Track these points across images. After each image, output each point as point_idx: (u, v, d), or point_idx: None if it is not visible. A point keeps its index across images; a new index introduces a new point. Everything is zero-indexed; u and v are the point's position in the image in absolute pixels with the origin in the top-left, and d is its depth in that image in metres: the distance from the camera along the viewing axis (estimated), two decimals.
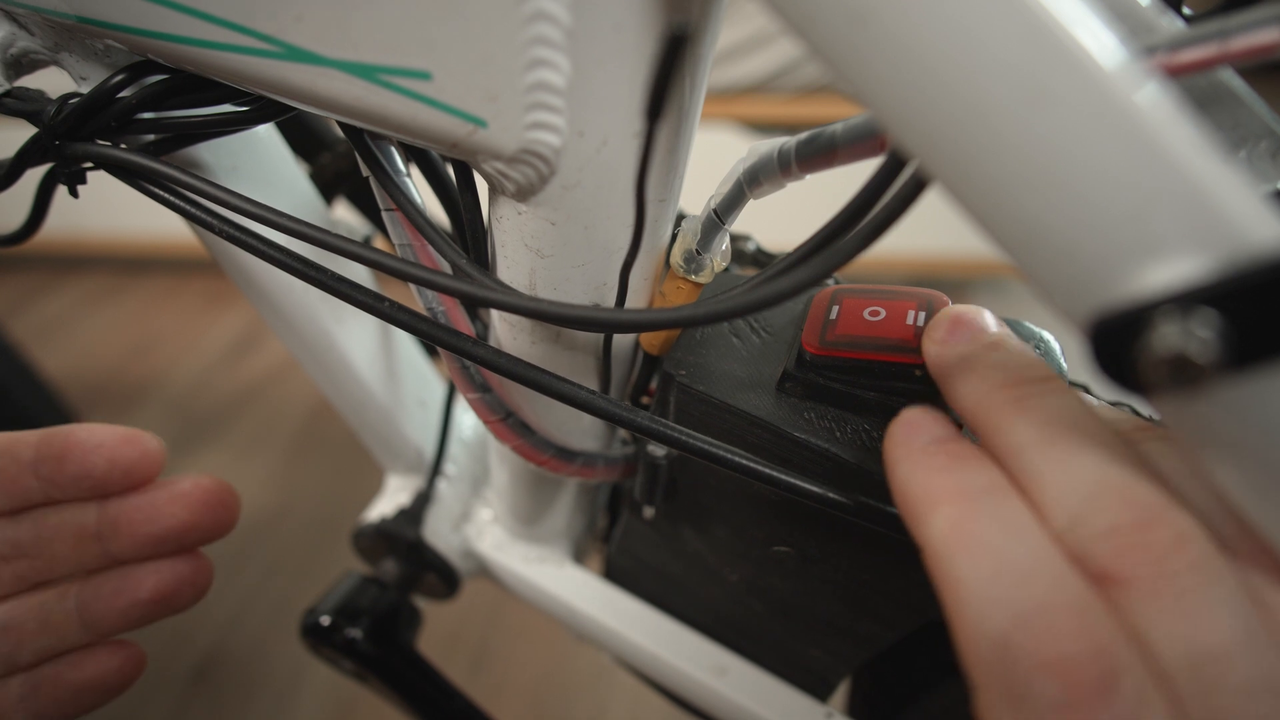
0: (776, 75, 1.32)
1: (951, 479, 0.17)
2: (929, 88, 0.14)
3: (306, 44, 0.20)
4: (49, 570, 0.26)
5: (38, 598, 0.26)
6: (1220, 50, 0.15)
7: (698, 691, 0.39)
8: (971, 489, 0.17)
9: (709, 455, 0.25)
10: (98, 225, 1.66)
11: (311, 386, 0.50)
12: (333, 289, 0.25)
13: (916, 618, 0.31)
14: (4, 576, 0.25)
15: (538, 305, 0.22)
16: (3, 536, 0.25)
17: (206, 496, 0.26)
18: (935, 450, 0.18)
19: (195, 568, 0.27)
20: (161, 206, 0.26)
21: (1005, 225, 0.15)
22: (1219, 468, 0.16)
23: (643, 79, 0.19)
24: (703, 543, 0.35)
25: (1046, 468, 0.17)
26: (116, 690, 0.27)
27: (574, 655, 0.96)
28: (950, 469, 0.18)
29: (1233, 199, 0.13)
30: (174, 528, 0.26)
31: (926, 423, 0.19)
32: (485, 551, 0.46)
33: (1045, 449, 0.17)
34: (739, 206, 0.25)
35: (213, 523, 0.26)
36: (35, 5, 0.23)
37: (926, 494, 0.18)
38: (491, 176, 0.22)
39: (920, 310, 0.25)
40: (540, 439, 0.32)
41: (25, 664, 0.25)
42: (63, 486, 0.25)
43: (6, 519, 0.25)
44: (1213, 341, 0.13)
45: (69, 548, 0.26)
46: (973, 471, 0.17)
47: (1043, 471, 0.17)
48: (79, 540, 0.25)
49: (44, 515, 0.25)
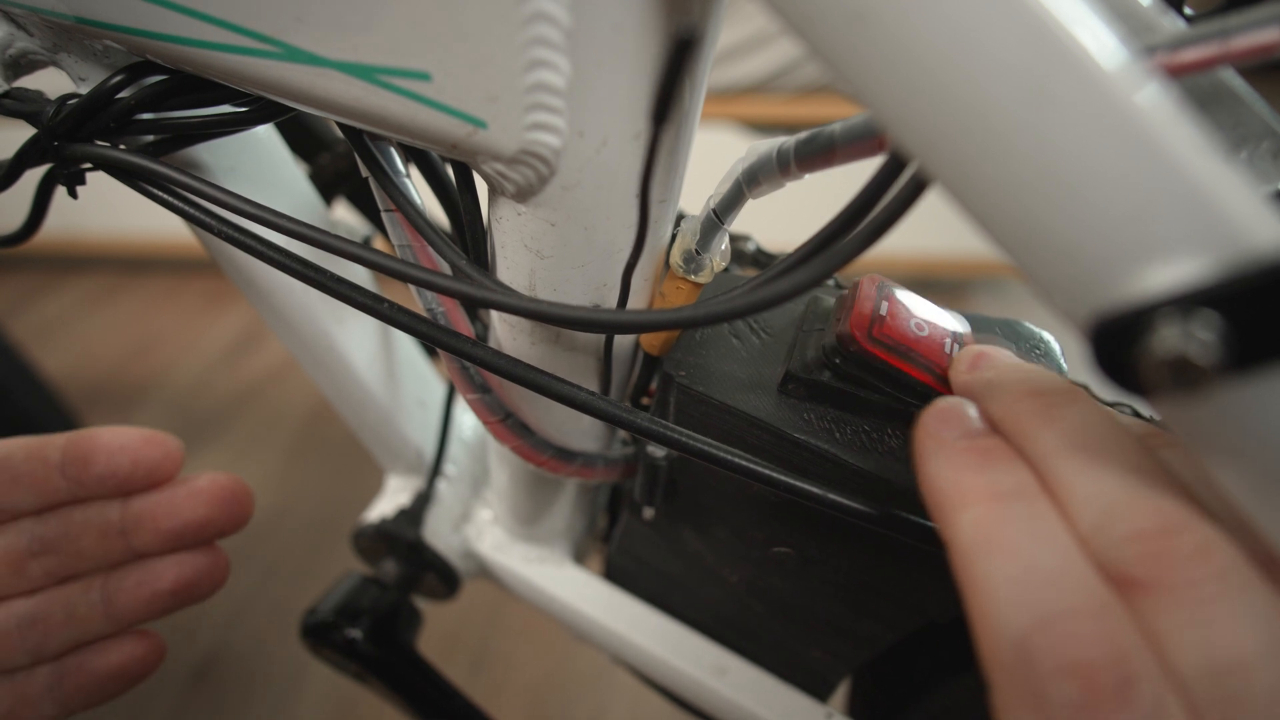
0: (776, 75, 1.32)
1: (982, 478, 0.17)
2: (929, 88, 0.14)
3: (306, 45, 0.20)
4: (75, 565, 0.27)
5: (64, 591, 0.27)
6: (1221, 50, 0.15)
7: (698, 692, 0.39)
8: (1001, 490, 0.17)
9: (708, 456, 0.24)
10: (97, 225, 1.66)
11: (311, 386, 0.50)
12: (332, 290, 0.25)
13: (917, 618, 0.31)
14: (33, 572, 0.26)
15: (537, 306, 0.22)
16: (32, 534, 0.26)
17: (223, 492, 0.28)
18: (967, 446, 0.18)
19: (213, 560, 0.28)
20: (161, 207, 0.26)
21: (1006, 226, 0.15)
22: (1220, 470, 0.16)
23: (643, 79, 0.19)
24: (703, 543, 0.34)
25: (1072, 474, 0.17)
26: (139, 677, 0.28)
27: (574, 655, 0.96)
28: (982, 467, 0.18)
29: (1234, 200, 0.13)
30: (193, 522, 0.27)
31: (960, 415, 0.19)
32: (485, 552, 0.46)
33: (1071, 456, 0.17)
34: (738, 206, 0.25)
35: (229, 517, 0.28)
36: (34, 6, 0.23)
37: (957, 491, 0.18)
38: (491, 177, 0.22)
39: (955, 343, 0.26)
40: (540, 440, 0.32)
41: (52, 654, 0.27)
42: (89, 486, 0.26)
43: (35, 517, 0.27)
44: (1214, 344, 0.13)
45: (94, 543, 0.27)
46: (1003, 471, 0.17)
47: (1069, 477, 0.17)
48: (103, 536, 0.27)
49: (70, 513, 0.27)
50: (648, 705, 0.90)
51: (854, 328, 0.25)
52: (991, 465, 0.18)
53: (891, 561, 0.28)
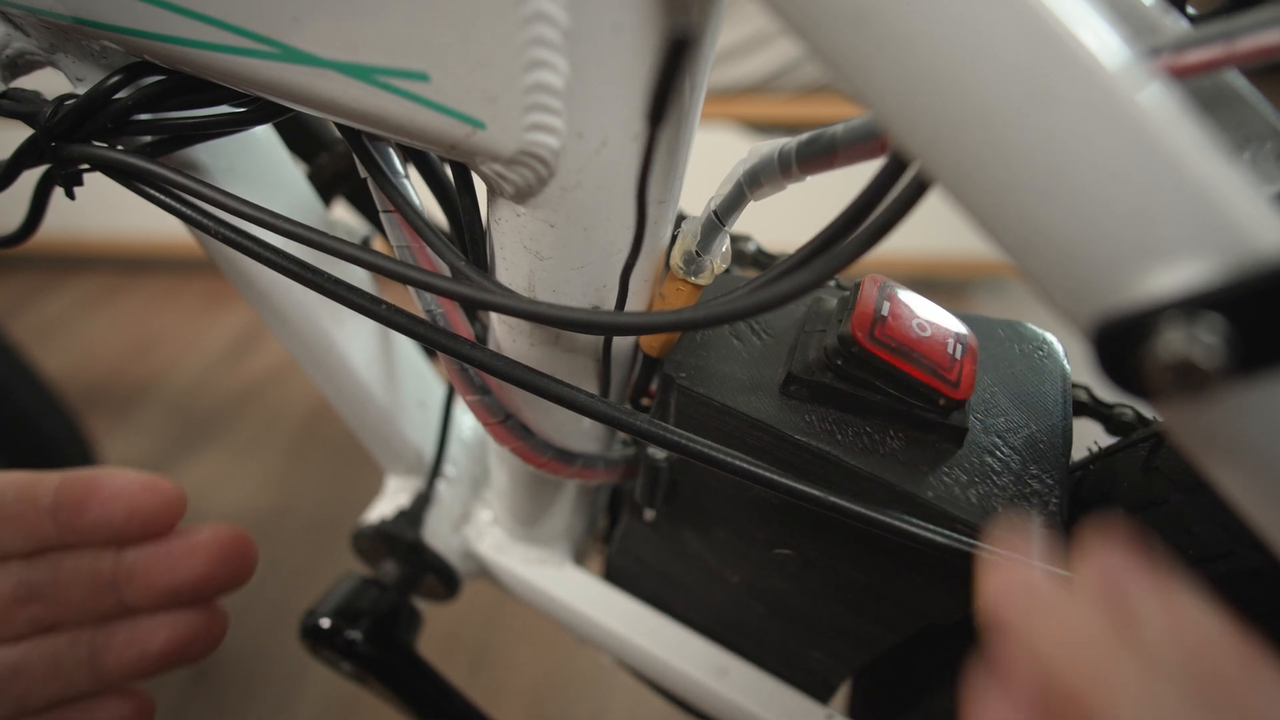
0: (776, 75, 1.32)
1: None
2: (931, 89, 0.14)
3: (303, 45, 0.20)
4: (62, 615, 0.25)
5: (50, 643, 0.25)
6: (1226, 51, 0.14)
7: (698, 693, 0.38)
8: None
9: (709, 459, 0.24)
10: (97, 225, 1.66)
11: (311, 387, 0.50)
12: (330, 292, 0.25)
13: (917, 620, 0.30)
14: (18, 619, 0.25)
15: (537, 308, 0.22)
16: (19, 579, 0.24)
17: (224, 548, 0.25)
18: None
19: (209, 619, 0.26)
20: (159, 208, 0.26)
21: (1008, 228, 0.15)
22: (1223, 473, 0.15)
23: (642, 80, 0.19)
24: (703, 545, 0.34)
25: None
26: None
27: (574, 656, 0.96)
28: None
29: (1238, 202, 0.13)
30: (189, 580, 0.25)
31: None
32: (485, 553, 0.46)
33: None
34: (739, 208, 0.25)
35: (229, 574, 0.26)
36: (31, 6, 0.23)
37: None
38: (490, 178, 0.22)
39: (958, 344, 0.25)
40: (540, 441, 0.32)
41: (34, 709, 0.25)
42: (80, 533, 0.24)
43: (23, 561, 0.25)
44: (1218, 346, 0.13)
45: (83, 594, 0.25)
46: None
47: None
48: (94, 588, 0.25)
49: (60, 559, 0.25)
50: (648, 706, 0.90)
51: (856, 328, 0.25)
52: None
53: (892, 564, 0.28)
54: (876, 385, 0.25)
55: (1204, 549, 0.23)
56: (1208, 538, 0.23)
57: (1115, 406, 0.35)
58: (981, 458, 0.26)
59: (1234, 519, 0.22)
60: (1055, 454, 0.26)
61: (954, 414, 0.25)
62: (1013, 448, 0.26)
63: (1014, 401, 0.28)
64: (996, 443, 0.26)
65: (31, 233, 0.30)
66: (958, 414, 0.25)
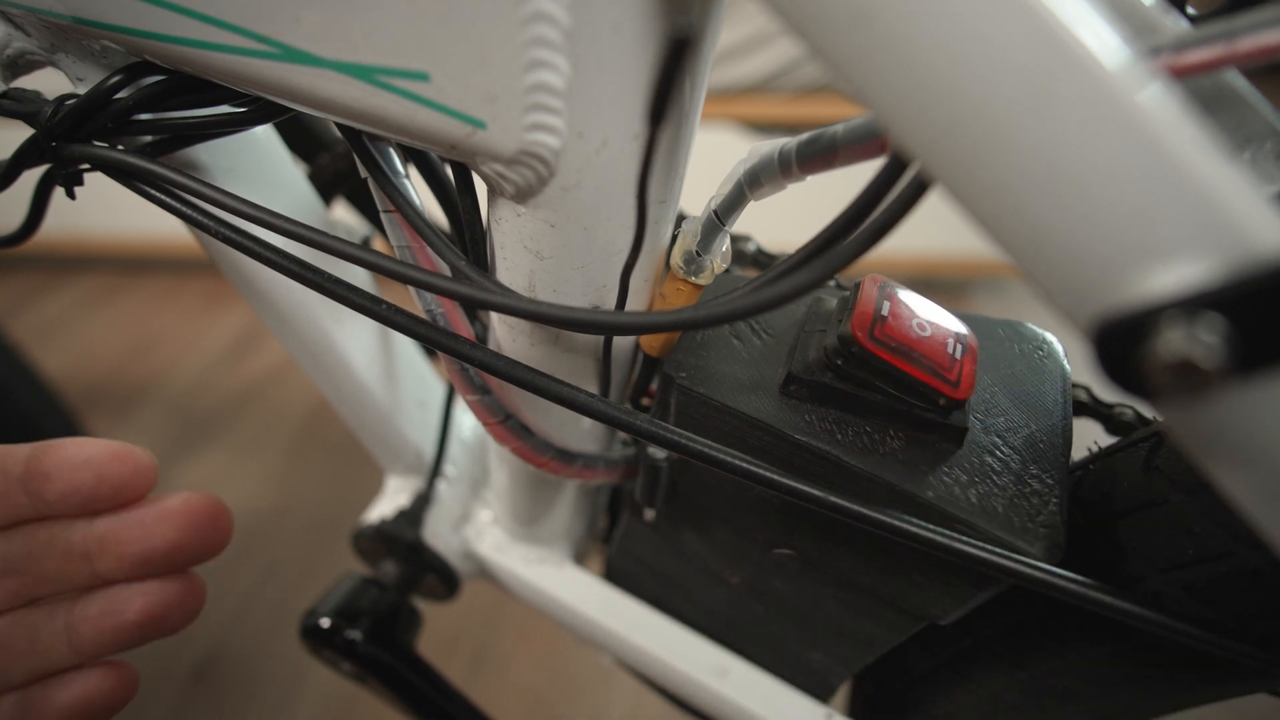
0: (776, 75, 1.32)
1: None
2: (931, 89, 0.14)
3: (304, 45, 0.20)
4: (40, 587, 0.25)
5: (29, 615, 0.25)
6: (1227, 51, 0.14)
7: (699, 693, 0.38)
8: None
9: (709, 459, 0.24)
10: (97, 225, 1.66)
11: (311, 387, 0.50)
12: (330, 292, 0.25)
13: (918, 620, 0.30)
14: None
15: (537, 308, 0.22)
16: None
17: (196, 515, 0.25)
18: None
19: (185, 589, 0.26)
20: (159, 207, 0.26)
21: (1009, 228, 0.15)
22: (1223, 472, 0.15)
23: (643, 80, 0.19)
24: (704, 545, 0.34)
25: None
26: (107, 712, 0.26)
27: (574, 656, 0.96)
28: None
29: (1238, 202, 0.13)
30: (161, 548, 0.25)
31: None
32: (485, 553, 0.46)
33: None
34: (739, 208, 0.25)
35: (202, 543, 0.25)
36: (31, 6, 0.23)
37: None
38: (490, 178, 0.22)
39: (958, 344, 0.26)
40: (540, 441, 0.32)
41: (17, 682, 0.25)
42: (51, 502, 0.24)
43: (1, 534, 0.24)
44: (1218, 346, 0.13)
45: (57, 566, 0.25)
46: None
47: None
48: (68, 558, 0.25)
49: (35, 531, 0.25)
50: (648, 706, 0.90)
51: (856, 328, 0.25)
52: None
53: (892, 564, 0.28)
54: (876, 385, 0.25)
55: (1204, 549, 0.23)
56: (1208, 538, 0.23)
57: (1115, 406, 0.35)
58: (981, 457, 0.26)
59: (1234, 519, 0.22)
60: (1055, 454, 0.26)
61: (954, 414, 0.25)
62: (1013, 447, 0.26)
63: (1014, 401, 0.28)
64: (996, 442, 0.26)
65: (32, 232, 0.30)
66: (958, 414, 0.25)
